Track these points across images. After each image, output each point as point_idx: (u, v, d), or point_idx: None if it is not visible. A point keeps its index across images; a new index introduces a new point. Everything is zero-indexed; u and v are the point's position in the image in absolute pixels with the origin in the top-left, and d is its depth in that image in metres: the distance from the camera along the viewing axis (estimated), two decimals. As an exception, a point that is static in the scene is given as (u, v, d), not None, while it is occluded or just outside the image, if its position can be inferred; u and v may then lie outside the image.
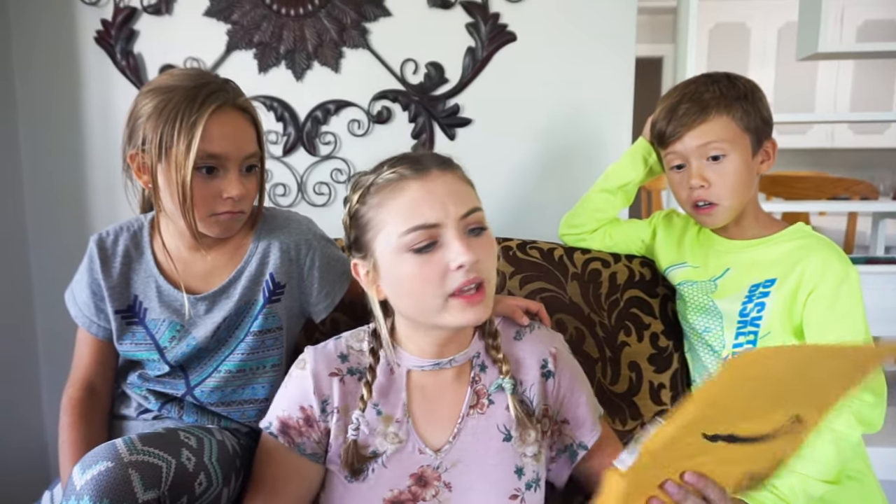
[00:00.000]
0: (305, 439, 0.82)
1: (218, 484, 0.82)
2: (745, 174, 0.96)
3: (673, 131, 0.97)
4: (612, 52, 1.43)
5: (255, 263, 0.95)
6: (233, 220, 0.91)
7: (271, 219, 0.99)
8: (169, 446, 0.76)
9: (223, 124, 0.85)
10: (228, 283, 0.95)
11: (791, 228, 1.00)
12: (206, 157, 0.84)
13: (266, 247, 0.96)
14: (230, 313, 0.94)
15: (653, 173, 1.13)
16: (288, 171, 1.48)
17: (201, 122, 0.82)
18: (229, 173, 0.87)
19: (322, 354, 0.84)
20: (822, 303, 0.93)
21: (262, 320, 0.95)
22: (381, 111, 1.45)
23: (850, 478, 0.95)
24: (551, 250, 1.20)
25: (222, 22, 1.41)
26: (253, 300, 0.95)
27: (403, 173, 0.75)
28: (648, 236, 1.16)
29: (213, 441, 0.85)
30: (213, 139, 0.84)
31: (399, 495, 0.80)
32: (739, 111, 0.94)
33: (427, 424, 0.83)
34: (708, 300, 1.04)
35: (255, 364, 0.97)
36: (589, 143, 1.47)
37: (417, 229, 0.72)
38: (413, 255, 0.73)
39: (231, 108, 0.86)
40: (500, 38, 1.42)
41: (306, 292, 1.00)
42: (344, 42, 1.42)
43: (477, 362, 0.86)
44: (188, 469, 0.76)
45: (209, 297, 0.94)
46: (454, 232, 0.73)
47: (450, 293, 0.73)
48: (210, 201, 0.87)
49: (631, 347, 1.14)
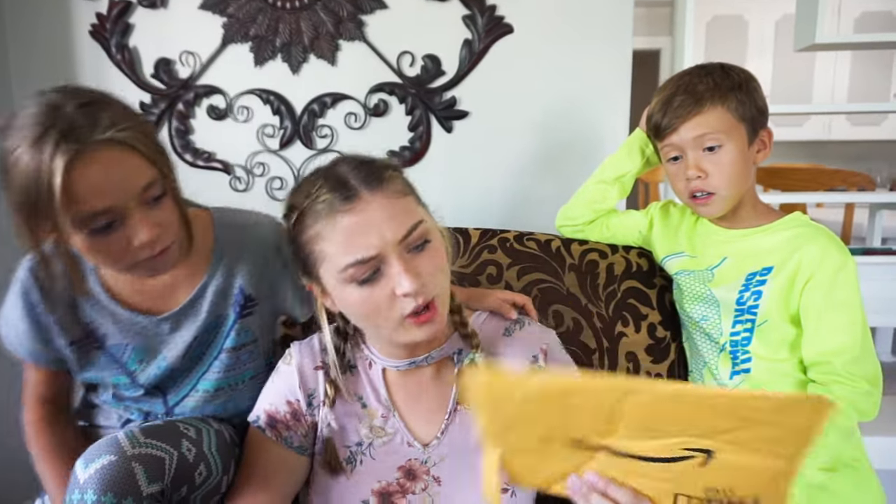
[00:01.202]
0: (292, 433, 0.83)
1: (217, 473, 0.81)
2: (741, 164, 0.96)
3: (668, 123, 0.97)
4: (609, 45, 1.43)
5: (222, 276, 0.88)
6: (160, 262, 0.77)
7: (230, 226, 0.90)
8: (170, 438, 0.75)
9: (87, 177, 0.67)
10: (192, 299, 0.87)
11: (788, 217, 1.01)
12: (91, 218, 0.68)
13: (233, 259, 0.88)
14: (200, 331, 0.88)
15: (650, 164, 1.13)
16: (284, 164, 1.47)
17: (57, 186, 0.64)
18: (130, 218, 0.71)
19: (307, 349, 0.86)
20: (819, 291, 0.93)
21: (235, 336, 0.90)
22: (377, 104, 1.45)
23: (846, 465, 0.96)
24: (548, 241, 1.20)
25: (217, 15, 1.41)
26: (223, 315, 0.89)
27: (333, 203, 0.70)
28: (645, 227, 1.16)
29: (211, 431, 0.84)
30: (86, 197, 0.67)
31: (387, 486, 0.81)
32: (734, 101, 0.94)
33: (414, 418, 0.83)
34: (705, 289, 1.04)
35: (232, 381, 0.93)
36: (586, 136, 1.47)
37: (355, 265, 0.70)
38: (357, 286, 0.71)
39: (90, 153, 0.67)
40: (497, 31, 1.42)
41: (280, 297, 0.94)
42: (340, 34, 1.41)
43: (459, 358, 0.85)
44: (189, 460, 0.76)
45: (172, 317, 0.86)
46: (394, 257, 0.70)
47: (402, 316, 0.71)
48: (122, 255, 0.73)
49: (628, 338, 1.14)
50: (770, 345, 0.99)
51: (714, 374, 1.05)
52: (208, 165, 1.47)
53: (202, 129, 1.47)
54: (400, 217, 0.71)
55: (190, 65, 1.43)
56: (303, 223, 0.73)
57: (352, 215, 0.70)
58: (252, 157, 1.47)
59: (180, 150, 1.46)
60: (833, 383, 0.92)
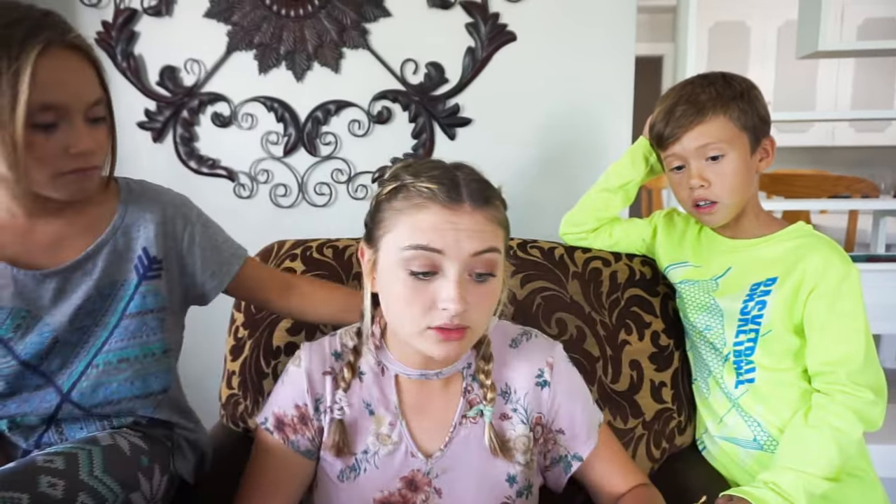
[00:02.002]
0: (299, 436, 0.83)
1: (115, 495, 0.74)
2: (744, 173, 0.96)
3: (671, 133, 0.97)
4: (612, 52, 1.43)
5: (122, 236, 0.82)
6: (85, 179, 0.75)
7: (139, 188, 0.87)
8: (19, 481, 0.66)
9: (55, 68, 0.69)
10: (85, 257, 0.80)
11: (792, 227, 1.01)
12: (41, 110, 0.69)
13: (137, 217, 0.83)
14: (91, 294, 0.80)
15: (654, 172, 1.13)
16: (289, 171, 1.48)
17: (26, 67, 0.66)
18: (73, 125, 0.72)
19: (317, 352, 0.85)
20: (822, 301, 0.93)
21: (141, 300, 0.83)
22: (381, 111, 1.45)
23: (851, 475, 0.96)
24: (552, 249, 1.20)
25: (222, 23, 1.42)
26: (122, 279, 0.82)
27: (436, 195, 0.71)
28: (649, 235, 1.16)
29: (94, 451, 0.75)
30: (46, 86, 0.68)
31: (389, 497, 0.81)
32: (736, 111, 0.95)
33: (419, 429, 0.83)
34: (709, 298, 1.04)
35: (139, 351, 0.84)
36: (589, 143, 1.47)
37: (418, 248, 0.70)
38: (408, 277, 0.71)
39: (61, 48, 0.70)
40: (500, 38, 1.42)
41: (188, 272, 0.88)
42: (344, 42, 1.42)
43: (468, 373, 0.84)
44: (55, 497, 0.67)
45: (59, 273, 0.78)
46: (455, 271, 0.70)
47: (429, 325, 0.71)
48: (53, 160, 0.71)
49: (632, 346, 1.14)
50: (774, 355, 0.98)
51: (720, 384, 1.04)
52: (212, 172, 1.48)
53: (206, 137, 1.47)
54: (481, 236, 0.72)
55: (195, 72, 1.44)
56: (397, 193, 0.74)
57: (446, 212, 0.71)
58: (256, 164, 1.48)
59: (185, 156, 1.47)
60: (837, 393, 0.92)
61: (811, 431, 0.92)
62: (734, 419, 1.03)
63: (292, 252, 1.16)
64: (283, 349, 1.10)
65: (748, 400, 1.01)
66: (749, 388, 1.01)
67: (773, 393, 0.99)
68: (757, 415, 1.00)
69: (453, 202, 0.71)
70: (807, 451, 0.90)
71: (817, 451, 0.90)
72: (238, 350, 1.11)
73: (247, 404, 1.09)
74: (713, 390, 1.06)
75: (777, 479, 0.88)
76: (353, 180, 1.49)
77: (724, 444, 1.06)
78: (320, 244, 1.18)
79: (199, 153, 1.47)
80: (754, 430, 1.01)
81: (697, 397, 1.12)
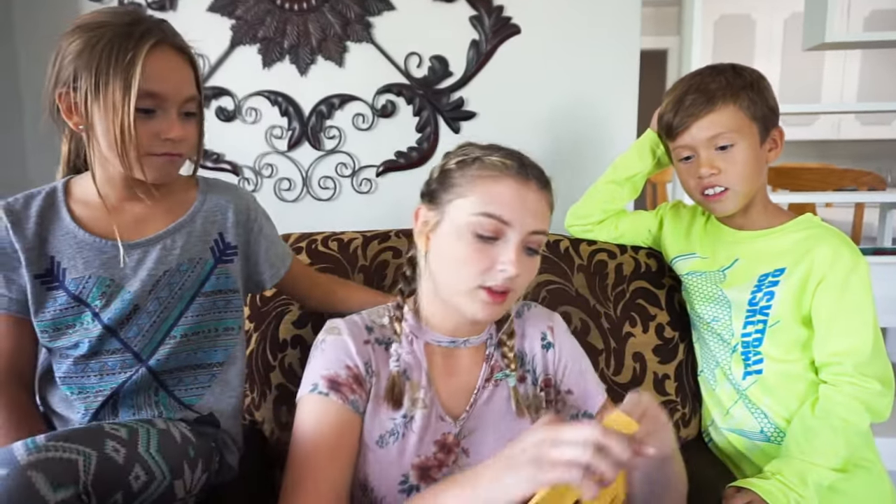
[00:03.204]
0: (357, 396, 0.81)
1: (163, 476, 0.77)
2: (753, 162, 0.96)
3: (680, 122, 0.97)
4: (617, 45, 1.43)
5: (201, 221, 0.91)
6: (170, 164, 0.85)
7: (215, 182, 0.97)
8: (88, 438, 0.70)
9: (161, 62, 0.80)
10: (165, 233, 0.88)
11: (800, 219, 1.00)
12: (145, 97, 0.79)
13: (215, 205, 0.93)
14: (171, 268, 0.87)
15: (660, 165, 1.13)
16: (293, 165, 1.48)
17: (140, 57, 0.77)
18: (168, 114, 0.82)
19: (352, 324, 0.88)
20: (831, 293, 0.93)
21: (215, 280, 0.91)
22: (385, 105, 1.45)
23: (858, 466, 0.95)
24: (557, 242, 1.20)
25: (226, 17, 1.42)
26: (200, 259, 0.90)
27: (510, 167, 0.79)
28: (655, 227, 1.16)
29: (151, 431, 0.79)
30: (152, 77, 0.79)
31: (426, 461, 0.82)
32: (746, 100, 0.94)
33: (447, 393, 0.86)
34: (717, 290, 1.04)
35: (210, 326, 0.91)
36: (593, 136, 1.47)
37: (491, 217, 0.76)
38: (474, 239, 0.77)
39: (168, 47, 0.81)
40: (505, 31, 1.42)
41: (253, 260, 0.97)
42: (348, 36, 1.42)
43: (492, 343, 0.90)
44: (116, 461, 0.71)
45: (141, 246, 0.87)
46: (517, 241, 0.77)
47: (482, 285, 0.77)
48: (147, 142, 0.81)
49: (636, 338, 1.14)
50: (781, 346, 0.98)
51: (727, 375, 1.04)
52: (217, 167, 1.48)
53: (211, 131, 1.45)
54: (541, 217, 0.80)
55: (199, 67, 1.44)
56: (469, 164, 0.81)
57: (519, 186, 0.78)
58: (260, 159, 1.48)
59: (189, 151, 1.47)
60: (845, 384, 0.92)
61: (818, 422, 0.92)
62: (741, 411, 1.03)
63: (297, 245, 1.17)
64: (290, 342, 1.10)
65: (756, 391, 1.01)
66: (757, 379, 1.00)
67: (780, 384, 0.99)
68: (764, 406, 1.00)
69: (525, 178, 0.79)
70: (814, 442, 0.90)
71: (824, 442, 0.90)
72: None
73: (254, 397, 1.09)
74: (720, 382, 1.06)
75: (784, 469, 0.89)
76: (357, 174, 1.49)
77: (731, 436, 1.06)
78: (325, 237, 1.18)
79: (204, 148, 1.47)
80: (761, 422, 1.01)
81: (703, 389, 1.12)
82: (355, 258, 1.16)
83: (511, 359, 0.89)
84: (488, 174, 0.79)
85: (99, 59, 0.77)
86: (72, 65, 0.78)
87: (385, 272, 1.15)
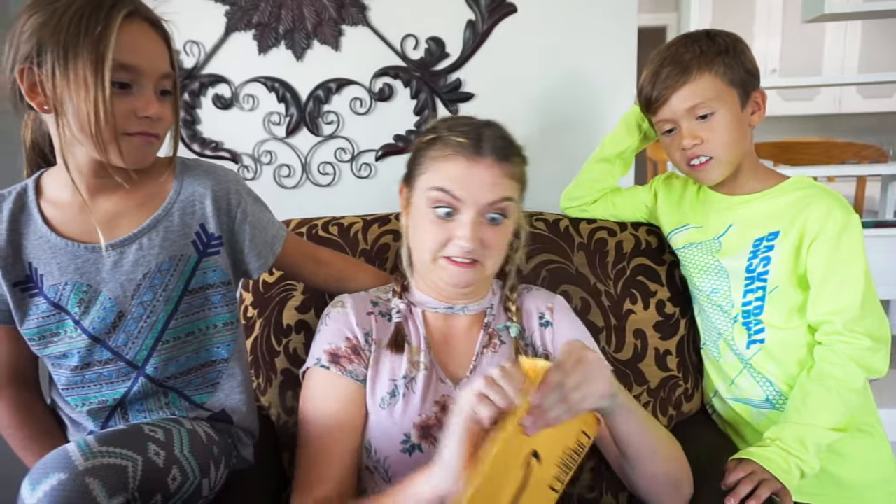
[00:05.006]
0: (356, 366, 0.89)
1: (195, 476, 0.77)
2: (736, 128, 0.96)
3: (658, 95, 0.97)
4: (614, 23, 1.42)
5: (178, 213, 0.84)
6: (147, 146, 0.79)
7: (194, 165, 0.89)
8: (133, 443, 0.70)
9: (135, 34, 0.75)
10: (140, 231, 0.82)
11: (792, 179, 1.00)
12: (119, 69, 0.73)
13: (191, 194, 0.85)
14: (149, 269, 0.82)
15: (647, 139, 1.13)
16: (292, 151, 1.48)
17: (113, 28, 0.72)
18: (145, 90, 0.76)
19: (358, 298, 0.96)
20: (824, 250, 0.93)
21: (202, 276, 0.86)
22: (382, 88, 1.44)
23: (860, 430, 0.97)
24: (557, 221, 1.20)
25: (220, 3, 1.40)
26: (181, 255, 0.84)
27: (463, 148, 0.85)
28: (651, 200, 1.17)
29: (182, 431, 0.79)
30: (126, 49, 0.73)
31: (427, 420, 0.87)
32: (722, 66, 0.94)
33: (446, 358, 0.92)
34: (713, 260, 1.04)
35: (204, 324, 0.87)
36: (592, 115, 1.46)
37: (440, 190, 0.84)
38: (432, 213, 0.85)
39: (142, 19, 0.77)
40: (501, 11, 1.41)
41: (237, 248, 0.90)
42: (343, 20, 1.41)
43: (491, 312, 0.96)
44: (158, 464, 0.71)
45: (115, 247, 0.81)
46: (470, 214, 0.84)
47: (443, 255, 0.86)
48: (122, 119, 0.75)
49: (636, 315, 1.14)
50: (782, 313, 0.99)
51: (731, 346, 1.05)
52: (216, 155, 1.48)
53: (208, 119, 1.47)
54: (497, 188, 0.85)
55: (194, 54, 1.43)
56: (434, 144, 0.88)
57: (468, 164, 0.85)
58: (259, 146, 1.48)
59: (188, 140, 1.47)
60: (836, 343, 0.93)
61: (813, 384, 0.93)
62: (746, 380, 1.04)
63: (298, 230, 1.17)
64: (294, 327, 1.11)
65: (760, 359, 1.01)
66: (761, 347, 1.01)
67: (784, 352, 1.00)
68: (769, 374, 1.01)
69: (477, 155, 0.85)
70: (810, 404, 0.91)
71: (820, 403, 0.91)
72: (248, 329, 1.13)
73: (259, 382, 1.11)
74: (724, 353, 1.07)
75: (782, 434, 0.89)
76: (356, 159, 1.49)
77: (736, 405, 1.06)
78: (325, 222, 1.19)
79: (202, 136, 1.47)
80: (766, 390, 1.02)
81: (707, 361, 1.13)
82: (356, 242, 1.16)
83: (514, 311, 0.96)
84: (442, 154, 0.86)
85: (67, 30, 0.71)
86: (34, 37, 0.72)
87: (386, 255, 1.16)
